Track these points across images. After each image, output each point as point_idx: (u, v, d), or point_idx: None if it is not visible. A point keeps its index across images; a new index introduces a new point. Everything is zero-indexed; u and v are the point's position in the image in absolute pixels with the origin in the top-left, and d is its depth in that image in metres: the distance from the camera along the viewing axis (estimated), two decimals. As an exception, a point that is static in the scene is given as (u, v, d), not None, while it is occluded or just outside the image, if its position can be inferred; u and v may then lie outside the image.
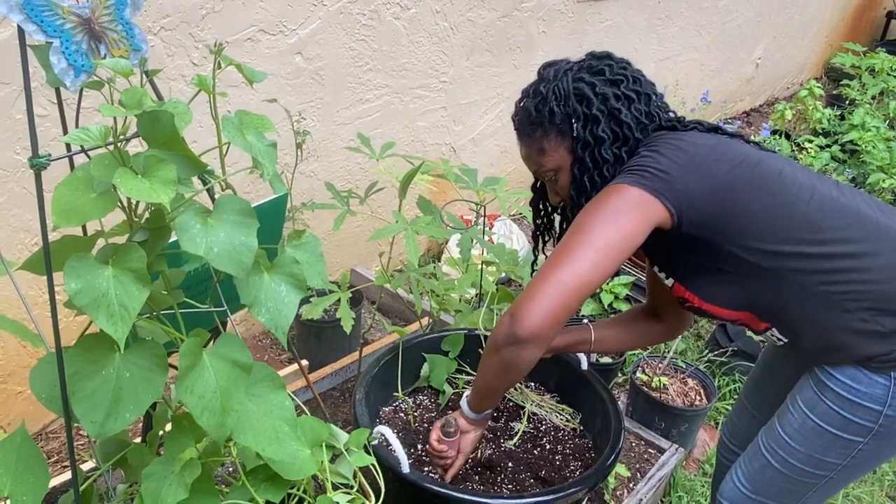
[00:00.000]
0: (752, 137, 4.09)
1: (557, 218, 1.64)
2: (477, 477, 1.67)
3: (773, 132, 4.50)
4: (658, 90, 1.46)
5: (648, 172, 1.29)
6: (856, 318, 1.29)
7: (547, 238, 1.67)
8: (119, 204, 0.97)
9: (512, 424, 1.83)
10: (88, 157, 0.99)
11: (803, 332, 1.37)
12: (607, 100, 1.37)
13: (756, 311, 1.39)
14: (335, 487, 1.30)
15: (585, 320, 1.80)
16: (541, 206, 1.63)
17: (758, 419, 1.69)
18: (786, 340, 1.43)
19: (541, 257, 1.65)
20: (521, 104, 1.48)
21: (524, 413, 1.83)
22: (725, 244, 1.31)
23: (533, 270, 1.71)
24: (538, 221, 1.65)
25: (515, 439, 1.77)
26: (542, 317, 1.23)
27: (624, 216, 1.25)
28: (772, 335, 1.45)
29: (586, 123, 1.38)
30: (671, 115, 1.45)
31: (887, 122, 4.31)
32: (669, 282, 1.47)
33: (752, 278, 1.33)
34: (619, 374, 2.70)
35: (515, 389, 1.89)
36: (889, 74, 4.81)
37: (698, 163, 1.30)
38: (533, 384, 1.97)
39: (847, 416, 1.34)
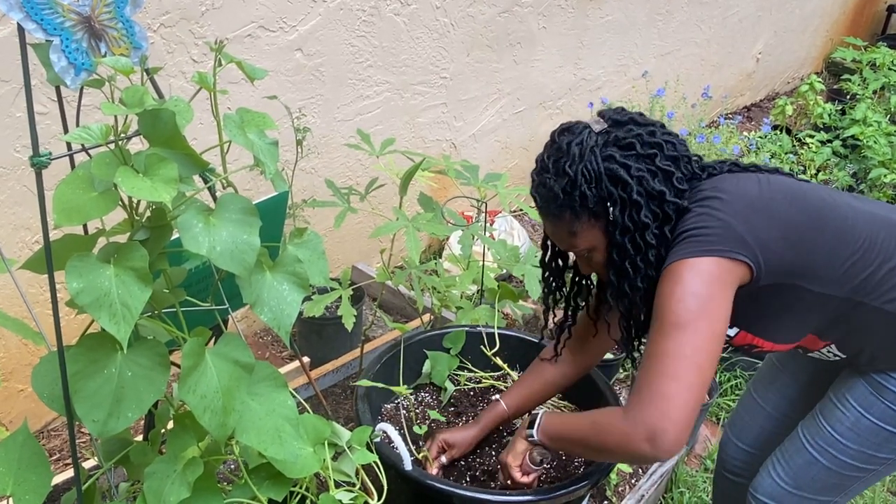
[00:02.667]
0: (753, 133, 4.08)
1: (569, 274, 1.56)
2: (480, 473, 1.67)
3: (774, 127, 4.49)
4: (683, 139, 1.36)
5: (713, 235, 1.21)
6: None
7: (559, 297, 1.58)
8: (120, 202, 0.97)
9: (513, 422, 1.83)
10: (89, 155, 0.99)
11: (868, 346, 1.36)
12: (645, 181, 1.26)
13: (819, 333, 1.38)
14: (338, 485, 1.30)
15: (496, 396, 1.73)
16: (553, 265, 1.54)
17: (774, 417, 1.70)
18: (843, 356, 1.41)
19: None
20: (543, 180, 1.33)
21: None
22: (799, 282, 1.27)
23: (547, 309, 1.62)
24: (550, 280, 1.56)
25: (516, 436, 1.77)
26: (683, 434, 1.16)
27: (714, 296, 1.19)
28: (828, 352, 1.42)
29: (624, 208, 1.27)
30: (704, 164, 1.37)
31: (889, 116, 4.29)
32: (733, 331, 1.39)
33: (823, 308, 1.31)
34: (621, 370, 2.70)
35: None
36: (890, 69, 4.79)
37: (756, 208, 1.25)
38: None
39: None
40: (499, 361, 1.94)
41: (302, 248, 1.16)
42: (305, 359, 2.33)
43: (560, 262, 1.54)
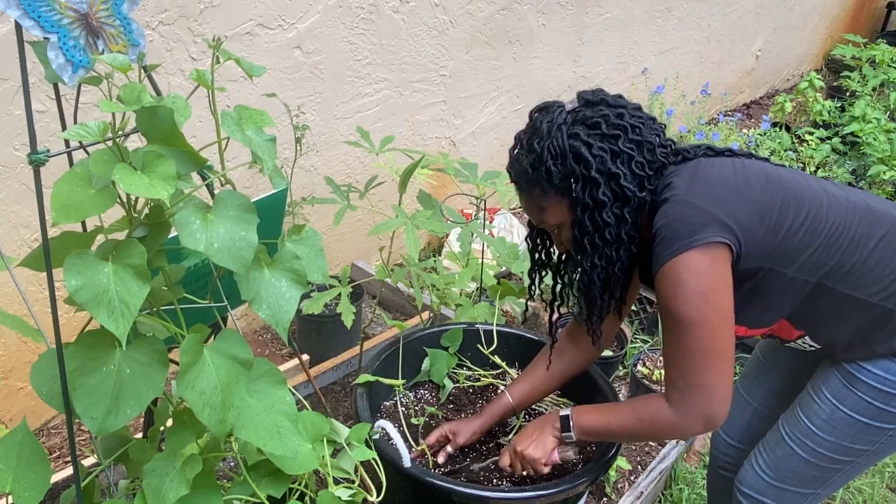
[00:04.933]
0: (752, 130, 4.08)
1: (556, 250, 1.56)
2: (479, 471, 1.68)
3: (774, 124, 4.49)
4: (658, 124, 1.37)
5: (694, 223, 1.24)
6: None
7: (544, 273, 1.59)
8: (118, 200, 0.97)
9: (509, 420, 1.83)
10: (87, 153, 0.99)
11: (841, 335, 1.37)
12: (605, 161, 1.29)
13: (793, 321, 1.39)
14: (336, 482, 1.30)
15: (501, 388, 1.74)
16: (538, 241, 1.55)
17: (760, 412, 1.70)
18: (818, 347, 1.42)
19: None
20: (516, 156, 1.39)
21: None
22: (775, 266, 1.29)
23: (531, 283, 1.62)
24: (536, 256, 1.57)
25: (511, 435, 1.77)
26: (728, 407, 1.31)
27: (714, 286, 1.24)
28: (803, 342, 1.44)
29: (585, 185, 1.30)
30: (676, 147, 1.39)
31: (888, 113, 4.29)
32: None
33: (796, 293, 1.33)
34: (620, 367, 2.70)
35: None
36: (890, 66, 4.79)
37: (732, 191, 1.28)
38: (534, 378, 1.97)
39: (880, 405, 1.36)
40: (497, 360, 1.95)
41: (300, 245, 1.16)
42: (304, 356, 2.33)
43: (546, 239, 1.55)
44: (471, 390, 1.93)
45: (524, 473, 1.54)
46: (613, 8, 3.79)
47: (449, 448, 1.65)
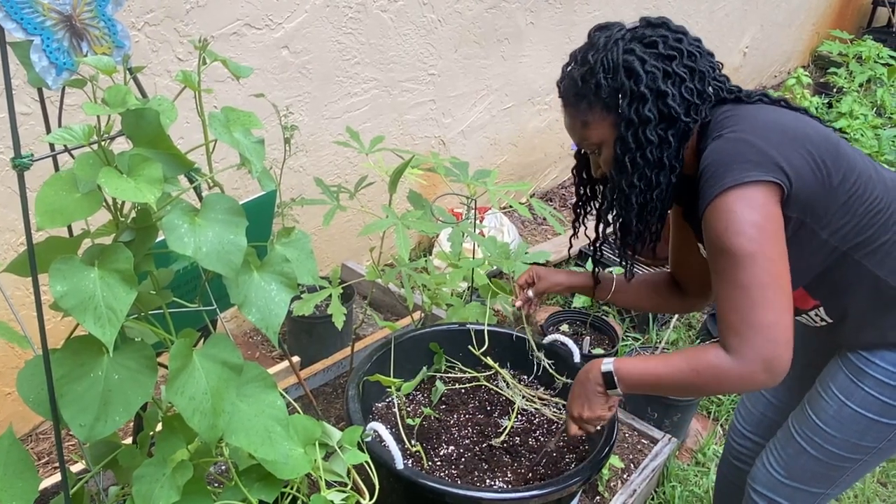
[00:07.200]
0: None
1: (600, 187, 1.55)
2: (472, 470, 1.67)
3: (762, 121, 4.51)
4: (715, 60, 1.37)
5: (748, 161, 1.22)
6: None
7: (588, 209, 1.58)
8: (104, 204, 0.96)
9: (502, 420, 1.83)
10: (72, 156, 0.97)
11: (855, 310, 1.37)
12: (656, 79, 1.28)
13: (811, 289, 1.38)
14: (329, 485, 1.29)
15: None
16: (584, 175, 1.54)
17: (774, 405, 1.71)
18: (830, 321, 1.42)
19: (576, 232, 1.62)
20: (568, 69, 1.39)
21: (514, 409, 1.83)
22: (813, 223, 1.28)
23: (575, 218, 1.60)
24: (581, 191, 1.56)
25: (503, 437, 1.77)
26: (791, 352, 1.22)
27: (769, 217, 1.21)
28: (816, 315, 1.44)
29: (632, 101, 1.29)
30: (732, 87, 1.37)
31: (875, 109, 4.32)
32: None
33: (823, 259, 1.32)
34: (612, 366, 2.70)
35: (508, 385, 1.88)
36: (876, 62, 4.82)
37: (791, 137, 1.26)
38: (526, 377, 1.97)
39: (887, 401, 1.36)
40: (489, 361, 1.94)
41: (290, 247, 1.15)
42: (295, 358, 2.32)
43: (590, 172, 1.53)
44: (462, 391, 1.92)
45: (598, 428, 1.53)
46: (602, 6, 3.79)
47: (530, 293, 1.72)
